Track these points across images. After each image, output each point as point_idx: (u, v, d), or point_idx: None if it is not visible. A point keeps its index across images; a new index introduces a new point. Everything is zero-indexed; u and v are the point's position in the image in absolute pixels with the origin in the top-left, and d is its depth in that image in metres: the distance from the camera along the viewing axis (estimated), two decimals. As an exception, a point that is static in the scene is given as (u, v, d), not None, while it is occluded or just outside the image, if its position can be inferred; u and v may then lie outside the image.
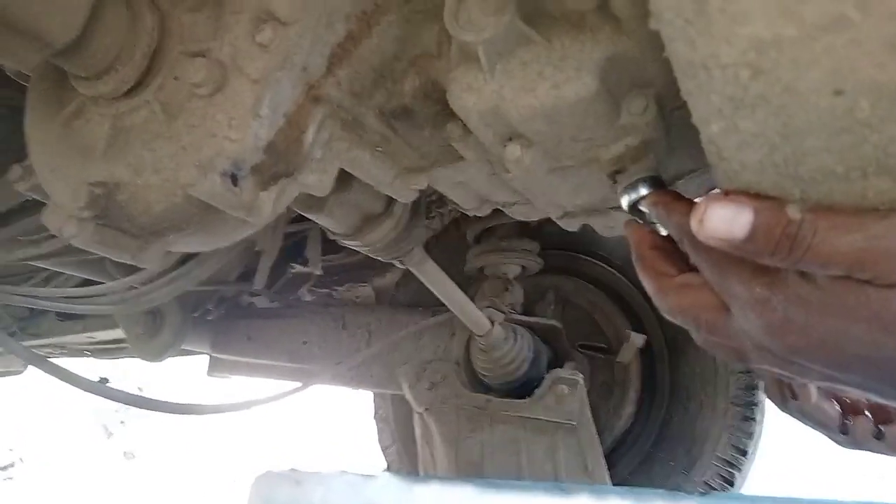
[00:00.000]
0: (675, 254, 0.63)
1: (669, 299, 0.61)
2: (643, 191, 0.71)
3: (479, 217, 1.22)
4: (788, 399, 0.74)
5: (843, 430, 0.75)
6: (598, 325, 1.73)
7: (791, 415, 0.75)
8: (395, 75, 0.71)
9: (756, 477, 1.71)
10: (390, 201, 1.01)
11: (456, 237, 1.91)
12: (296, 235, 1.82)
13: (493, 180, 0.88)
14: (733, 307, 0.54)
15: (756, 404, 1.61)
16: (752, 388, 1.61)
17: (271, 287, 2.02)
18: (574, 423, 1.42)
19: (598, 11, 0.59)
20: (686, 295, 0.59)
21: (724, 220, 0.49)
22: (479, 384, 1.58)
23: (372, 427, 2.15)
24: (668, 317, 0.62)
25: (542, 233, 1.71)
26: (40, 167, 0.70)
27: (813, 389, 0.74)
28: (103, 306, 1.32)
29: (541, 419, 1.45)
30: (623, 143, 0.70)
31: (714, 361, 1.64)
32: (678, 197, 0.63)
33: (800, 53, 0.34)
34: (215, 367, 2.13)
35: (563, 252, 1.81)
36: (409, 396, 1.62)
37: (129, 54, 0.64)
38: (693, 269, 0.60)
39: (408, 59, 0.70)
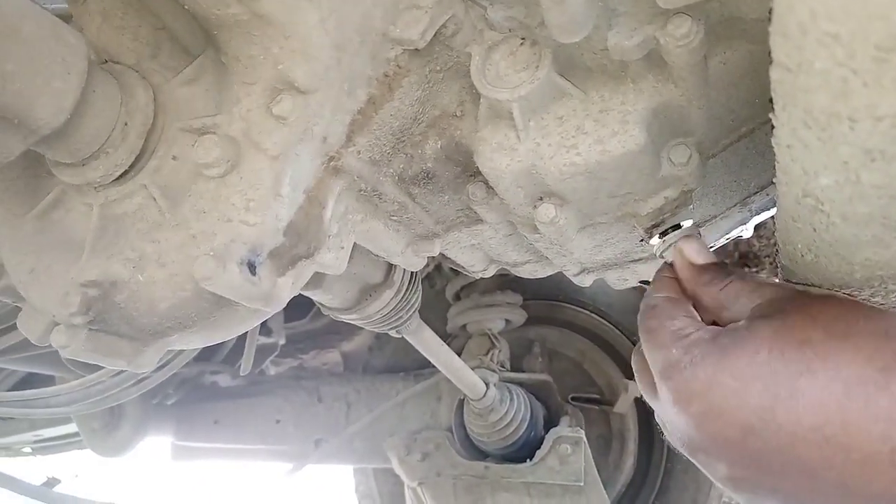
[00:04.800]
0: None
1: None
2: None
3: (456, 272, 1.15)
4: None
5: None
6: (588, 375, 1.68)
7: None
8: (415, 139, 0.66)
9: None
10: (390, 269, 0.94)
11: (430, 294, 1.85)
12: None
13: (509, 241, 0.83)
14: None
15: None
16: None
17: (234, 363, 1.90)
18: (581, 484, 1.36)
19: (643, 60, 0.56)
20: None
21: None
22: (474, 451, 1.50)
23: (353, 504, 2.02)
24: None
25: (521, 282, 1.66)
26: (14, 268, 0.61)
27: None
28: (61, 408, 1.19)
29: (546, 483, 1.37)
30: (662, 196, 0.66)
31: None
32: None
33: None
34: (179, 454, 1.97)
35: (544, 301, 1.76)
36: (399, 470, 1.52)
37: (121, 135, 0.56)
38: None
39: (427, 121, 0.65)
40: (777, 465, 0.47)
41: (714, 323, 0.56)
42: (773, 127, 0.43)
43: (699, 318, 0.56)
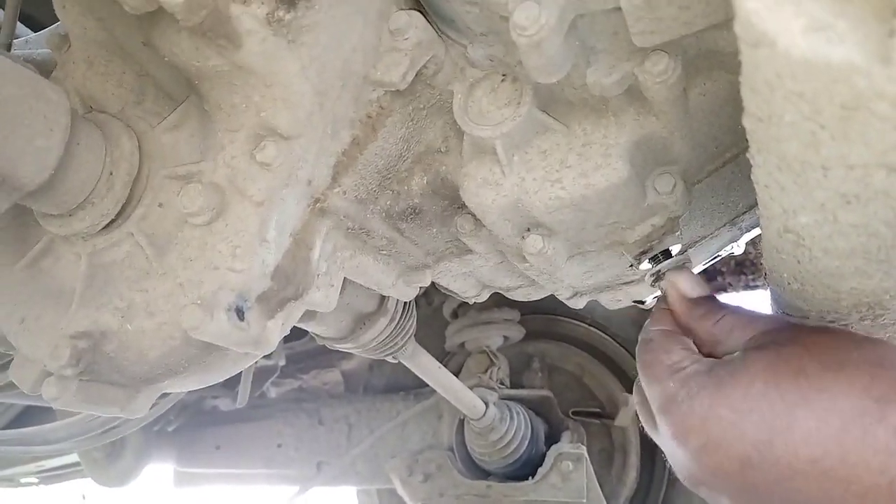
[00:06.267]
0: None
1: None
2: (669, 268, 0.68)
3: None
4: None
5: None
6: (589, 389, 1.67)
7: None
8: (401, 175, 0.66)
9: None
10: (383, 297, 0.94)
11: (428, 312, 1.85)
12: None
13: (500, 268, 0.83)
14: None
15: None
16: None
17: (234, 387, 1.90)
18: (584, 501, 1.35)
19: (623, 94, 0.56)
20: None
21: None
22: (476, 469, 1.49)
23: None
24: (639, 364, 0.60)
25: (517, 299, 1.66)
26: (4, 318, 0.61)
27: None
28: (60, 444, 1.19)
29: (548, 501, 1.37)
30: (649, 223, 0.66)
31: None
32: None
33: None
34: (182, 480, 1.96)
35: (542, 315, 1.76)
36: (402, 492, 1.52)
37: (107, 185, 0.56)
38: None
39: (412, 158, 0.65)
40: (777, 498, 0.46)
41: (710, 355, 0.56)
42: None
43: (695, 351, 0.56)
